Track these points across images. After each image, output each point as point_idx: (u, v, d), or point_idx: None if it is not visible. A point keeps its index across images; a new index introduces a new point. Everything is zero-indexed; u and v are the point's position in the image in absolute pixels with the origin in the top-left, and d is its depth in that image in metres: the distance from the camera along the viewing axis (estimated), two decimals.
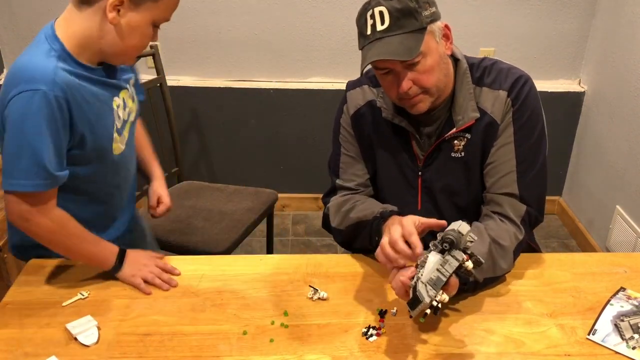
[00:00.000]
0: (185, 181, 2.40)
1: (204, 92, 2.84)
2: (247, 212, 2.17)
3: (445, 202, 1.40)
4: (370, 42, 1.22)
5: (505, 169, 1.32)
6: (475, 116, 1.32)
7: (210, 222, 2.10)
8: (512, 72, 1.34)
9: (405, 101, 1.28)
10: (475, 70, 1.35)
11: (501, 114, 1.32)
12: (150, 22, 1.21)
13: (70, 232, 1.24)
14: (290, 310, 1.20)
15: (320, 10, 2.70)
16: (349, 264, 1.36)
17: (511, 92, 1.31)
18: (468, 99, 1.32)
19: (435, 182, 1.39)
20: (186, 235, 2.02)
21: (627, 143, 2.50)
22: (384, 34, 1.20)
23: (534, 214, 1.32)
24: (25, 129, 1.12)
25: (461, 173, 1.37)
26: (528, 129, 1.31)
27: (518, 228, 1.30)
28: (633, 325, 1.16)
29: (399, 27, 1.20)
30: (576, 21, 2.77)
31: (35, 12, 2.67)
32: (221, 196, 2.28)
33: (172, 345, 1.11)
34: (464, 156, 1.35)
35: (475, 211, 1.39)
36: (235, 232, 2.06)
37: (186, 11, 2.70)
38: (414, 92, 1.25)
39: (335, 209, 1.45)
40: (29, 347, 1.09)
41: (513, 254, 1.28)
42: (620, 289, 1.27)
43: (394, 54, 1.19)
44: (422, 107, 1.28)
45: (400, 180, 1.42)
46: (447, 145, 1.35)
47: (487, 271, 1.23)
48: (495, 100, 1.32)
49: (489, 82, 1.33)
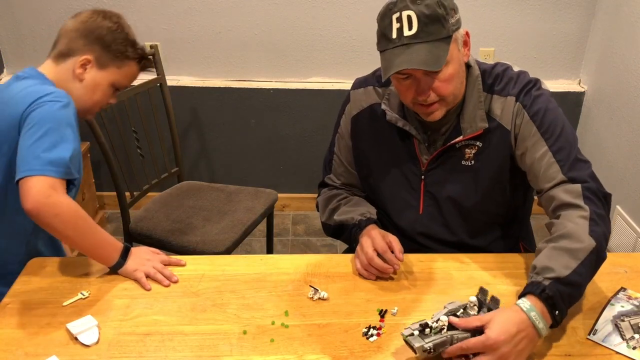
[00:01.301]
0: (185, 181, 2.40)
1: (204, 92, 2.83)
2: (247, 212, 2.17)
3: (449, 208, 1.39)
4: (396, 46, 1.19)
5: (544, 164, 1.26)
6: (483, 126, 1.30)
7: (210, 222, 2.10)
8: (521, 78, 1.32)
9: (421, 107, 1.26)
10: (488, 77, 1.33)
11: (510, 120, 1.29)
12: (110, 83, 1.41)
13: (84, 215, 1.24)
14: (291, 310, 1.20)
15: (320, 10, 2.70)
16: (349, 264, 1.36)
17: (519, 97, 1.29)
18: (477, 108, 1.30)
19: (440, 188, 1.38)
20: (186, 235, 2.02)
21: (627, 143, 2.50)
22: (411, 40, 1.17)
23: (593, 186, 1.22)
24: (60, 124, 1.25)
25: (470, 181, 1.35)
26: (551, 122, 1.28)
27: (580, 208, 1.18)
28: (634, 325, 1.16)
29: (426, 34, 1.17)
30: (576, 21, 2.77)
31: (35, 13, 2.67)
32: (221, 196, 2.28)
33: (172, 345, 1.11)
34: (475, 164, 1.34)
35: (479, 220, 1.38)
36: (235, 232, 2.06)
37: (186, 11, 2.70)
38: (432, 99, 1.23)
39: (323, 204, 1.51)
40: (29, 347, 1.09)
41: (590, 234, 1.14)
42: (621, 289, 1.27)
43: (422, 64, 1.17)
44: (438, 115, 1.27)
45: (403, 183, 1.41)
46: (457, 152, 1.34)
47: (565, 271, 1.10)
48: (504, 106, 1.30)
49: (499, 89, 1.31)
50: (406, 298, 1.24)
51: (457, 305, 1.08)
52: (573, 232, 1.14)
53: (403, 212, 1.43)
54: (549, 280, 1.08)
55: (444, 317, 1.04)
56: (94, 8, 1.44)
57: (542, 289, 1.07)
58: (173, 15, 2.71)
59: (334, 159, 1.52)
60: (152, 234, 2.05)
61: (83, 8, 1.45)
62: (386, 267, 1.26)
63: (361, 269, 1.30)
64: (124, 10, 2.88)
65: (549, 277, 1.08)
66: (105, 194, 3.04)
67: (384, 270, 1.27)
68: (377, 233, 1.31)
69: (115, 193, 2.11)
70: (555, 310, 1.06)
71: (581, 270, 1.10)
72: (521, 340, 1.02)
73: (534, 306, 1.05)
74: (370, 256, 1.27)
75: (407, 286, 1.28)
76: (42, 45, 2.75)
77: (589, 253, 1.12)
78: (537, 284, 1.08)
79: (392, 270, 1.28)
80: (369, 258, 1.27)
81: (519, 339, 1.02)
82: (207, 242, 1.99)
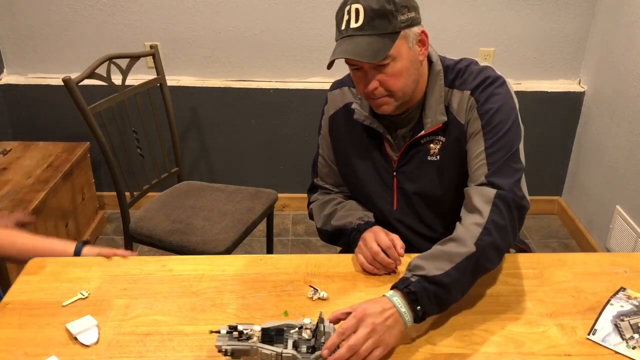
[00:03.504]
0: (185, 181, 2.40)
1: (204, 92, 2.83)
2: (247, 212, 2.17)
3: (419, 204, 1.42)
4: (342, 37, 1.23)
5: (477, 163, 1.27)
6: (442, 119, 1.32)
7: (211, 222, 2.09)
8: (482, 74, 1.31)
9: (371, 100, 1.30)
10: (450, 72, 1.34)
11: (464, 113, 1.31)
12: None
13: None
14: (290, 310, 1.20)
15: (320, 10, 2.70)
16: (349, 264, 1.36)
17: (474, 92, 1.30)
18: (438, 102, 1.32)
19: (409, 184, 1.40)
20: (186, 235, 2.02)
21: (627, 143, 2.50)
22: (355, 32, 1.21)
23: (509, 196, 1.20)
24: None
25: (435, 176, 1.37)
26: (497, 123, 1.26)
27: (479, 215, 1.19)
28: (633, 325, 1.16)
29: (371, 28, 1.20)
30: (576, 21, 2.77)
31: (35, 13, 2.67)
32: (221, 196, 2.28)
33: (172, 345, 1.11)
34: (439, 159, 1.36)
35: (451, 212, 1.38)
36: (235, 232, 2.06)
37: (186, 11, 2.70)
38: (380, 93, 1.27)
39: (317, 210, 1.54)
40: (29, 347, 1.09)
41: (476, 241, 1.15)
42: (620, 289, 1.27)
43: (359, 55, 1.20)
44: (387, 109, 1.30)
45: (377, 180, 1.44)
46: (422, 148, 1.36)
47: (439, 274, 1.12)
48: (460, 100, 1.32)
49: (459, 83, 1.32)
50: None
51: (280, 324, 1.05)
52: (460, 237, 1.18)
53: (380, 209, 1.45)
54: (416, 277, 1.12)
55: (257, 327, 1.03)
56: None
57: (407, 284, 1.11)
58: (173, 15, 2.71)
59: (319, 161, 1.56)
60: (152, 234, 2.05)
61: (83, 8, 1.44)
62: (390, 262, 1.29)
63: (365, 264, 1.31)
64: (124, 10, 2.89)
65: (417, 274, 1.13)
66: (105, 194, 3.05)
67: (387, 265, 1.30)
68: (380, 230, 1.35)
69: (115, 193, 2.11)
70: (417, 305, 1.09)
71: (453, 273, 1.12)
72: (389, 318, 1.06)
73: (397, 296, 1.10)
74: (375, 251, 1.29)
75: None
76: (42, 45, 2.76)
77: (465, 258, 1.14)
78: (405, 280, 1.13)
79: (395, 265, 1.30)
80: (374, 253, 1.29)
81: (387, 315, 1.06)
82: (208, 242, 1.99)
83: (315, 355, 1.02)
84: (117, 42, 2.73)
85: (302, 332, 1.05)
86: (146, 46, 2.68)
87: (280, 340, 1.03)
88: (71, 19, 2.68)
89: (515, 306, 1.22)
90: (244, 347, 1.01)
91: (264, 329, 1.03)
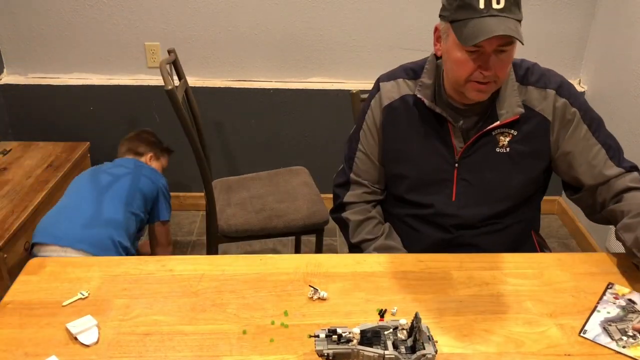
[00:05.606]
0: (215, 180, 2.34)
1: (204, 92, 2.83)
2: (306, 186, 2.20)
3: (481, 196, 1.42)
4: (483, 16, 1.20)
5: (599, 161, 1.39)
6: (519, 111, 1.35)
7: (287, 202, 2.09)
8: (554, 74, 1.41)
9: (475, 84, 1.28)
10: (519, 69, 1.39)
11: (552, 111, 1.36)
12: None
13: None
14: (290, 310, 1.20)
15: (320, 9, 2.70)
16: (349, 264, 1.36)
17: (559, 91, 1.37)
18: (513, 95, 1.35)
19: (472, 175, 1.41)
20: (282, 218, 2.03)
21: (627, 143, 2.50)
22: (499, 13, 1.20)
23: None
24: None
25: (504, 168, 1.39)
26: (592, 119, 1.41)
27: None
28: (621, 330, 1.16)
29: (510, 12, 1.21)
30: (576, 21, 2.77)
31: (35, 13, 2.67)
32: (265, 182, 2.28)
33: (172, 345, 1.11)
34: (509, 152, 1.37)
35: (510, 206, 1.41)
36: (321, 203, 2.08)
37: (186, 11, 2.70)
38: (489, 78, 1.26)
39: (355, 225, 1.52)
40: (29, 347, 1.09)
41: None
42: (609, 285, 1.27)
43: (517, 34, 1.20)
44: (484, 96, 1.31)
45: (435, 171, 1.43)
46: (491, 139, 1.38)
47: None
48: (544, 98, 1.36)
49: (533, 80, 1.37)
50: (406, 298, 1.24)
51: (375, 325, 1.07)
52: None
53: (435, 200, 1.44)
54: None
55: (356, 330, 1.03)
56: None
57: None
58: (173, 15, 2.71)
59: (357, 156, 1.52)
60: (247, 228, 2.04)
61: (83, 8, 1.45)
62: None
63: None
64: (124, 10, 2.88)
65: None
66: None
67: None
68: None
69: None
70: None
71: None
72: None
73: None
74: None
75: (406, 286, 1.28)
76: (42, 45, 2.76)
77: None
78: None
79: None
80: None
81: None
82: (310, 216, 2.02)
83: (416, 356, 1.01)
84: (117, 42, 2.73)
85: (398, 332, 1.05)
86: (146, 46, 2.68)
87: (377, 342, 1.03)
88: (71, 19, 2.68)
89: (515, 306, 1.22)
90: (345, 351, 1.01)
91: (362, 331, 1.03)
